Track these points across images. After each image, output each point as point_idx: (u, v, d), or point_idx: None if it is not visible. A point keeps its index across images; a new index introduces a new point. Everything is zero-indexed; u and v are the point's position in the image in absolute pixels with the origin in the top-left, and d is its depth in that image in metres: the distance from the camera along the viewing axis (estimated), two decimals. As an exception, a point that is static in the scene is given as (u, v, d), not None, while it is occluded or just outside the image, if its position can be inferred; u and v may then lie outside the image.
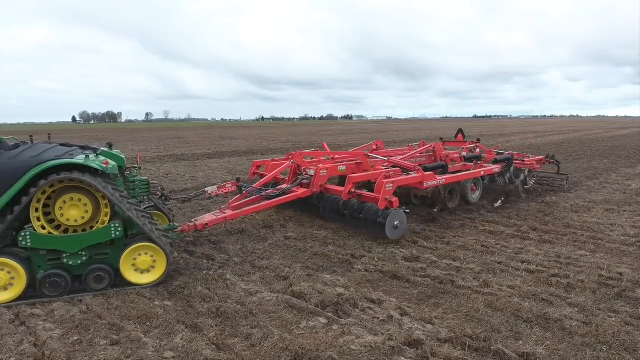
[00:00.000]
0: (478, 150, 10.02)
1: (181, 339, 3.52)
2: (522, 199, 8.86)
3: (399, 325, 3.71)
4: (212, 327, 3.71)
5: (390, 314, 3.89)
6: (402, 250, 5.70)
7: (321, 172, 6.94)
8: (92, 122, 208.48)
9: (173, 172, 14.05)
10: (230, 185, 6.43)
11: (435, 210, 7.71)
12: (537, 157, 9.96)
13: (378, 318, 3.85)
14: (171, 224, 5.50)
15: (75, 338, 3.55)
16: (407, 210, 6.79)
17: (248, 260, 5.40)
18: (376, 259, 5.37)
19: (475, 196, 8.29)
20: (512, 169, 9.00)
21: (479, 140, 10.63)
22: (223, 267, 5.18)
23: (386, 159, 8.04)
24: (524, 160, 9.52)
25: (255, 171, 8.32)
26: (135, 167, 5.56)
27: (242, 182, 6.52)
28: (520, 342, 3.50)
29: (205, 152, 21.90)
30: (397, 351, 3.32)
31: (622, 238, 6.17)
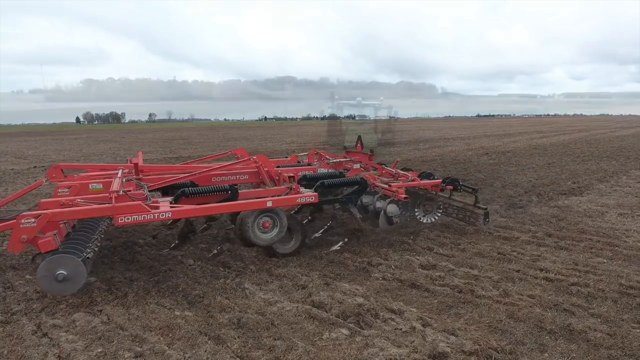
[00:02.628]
0: (360, 166, 7.72)
1: (205, 351, 3.51)
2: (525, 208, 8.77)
3: (422, 337, 3.69)
4: (235, 338, 3.71)
5: (412, 325, 3.88)
6: (418, 257, 5.69)
7: (60, 191, 5.57)
8: (96, 122, 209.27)
9: (181, 175, 14.03)
10: None
11: (218, 248, 5.84)
12: (426, 181, 7.03)
13: (400, 329, 3.84)
14: None
15: (99, 350, 3.55)
16: (89, 257, 4.63)
17: (264, 267, 5.39)
18: (393, 267, 5.36)
19: (267, 236, 5.43)
20: (375, 197, 6.49)
21: (371, 152, 8.11)
22: (240, 275, 5.17)
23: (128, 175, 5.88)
24: (390, 185, 6.51)
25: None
26: None
27: None
28: (546, 354, 3.48)
29: (212, 154, 21.92)
30: (423, 364, 3.30)
31: (639, 244, 6.13)
